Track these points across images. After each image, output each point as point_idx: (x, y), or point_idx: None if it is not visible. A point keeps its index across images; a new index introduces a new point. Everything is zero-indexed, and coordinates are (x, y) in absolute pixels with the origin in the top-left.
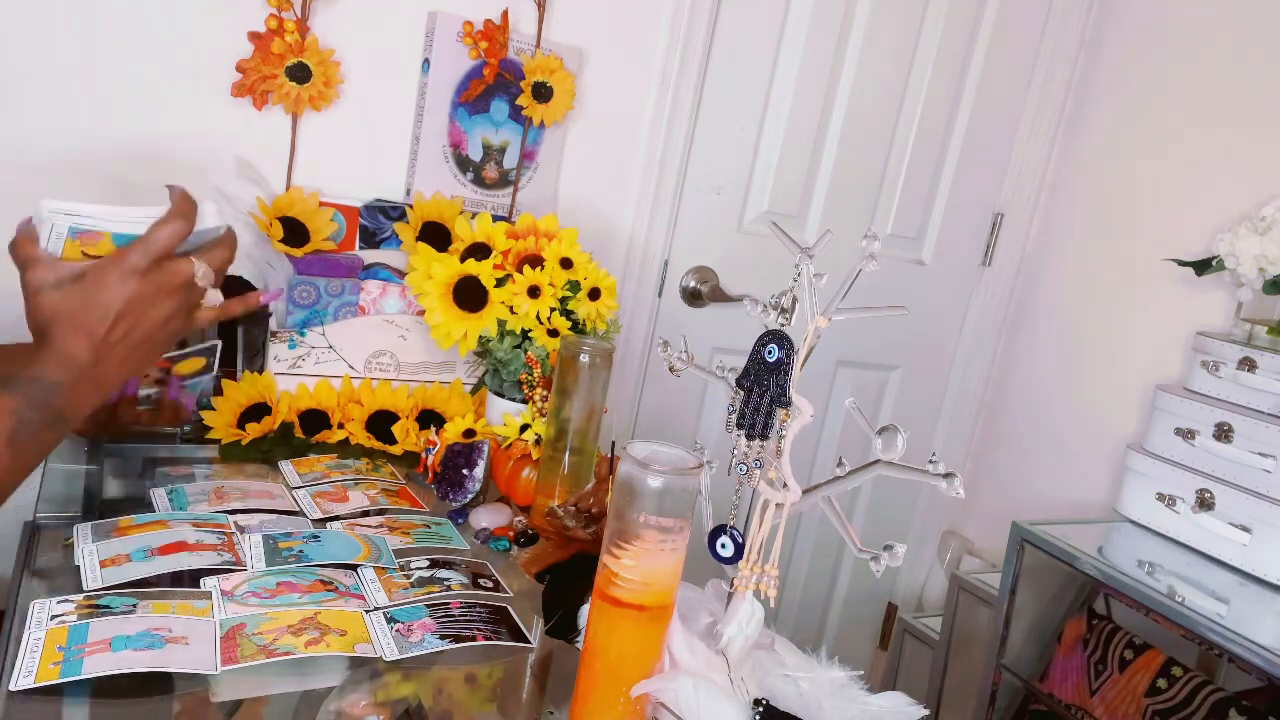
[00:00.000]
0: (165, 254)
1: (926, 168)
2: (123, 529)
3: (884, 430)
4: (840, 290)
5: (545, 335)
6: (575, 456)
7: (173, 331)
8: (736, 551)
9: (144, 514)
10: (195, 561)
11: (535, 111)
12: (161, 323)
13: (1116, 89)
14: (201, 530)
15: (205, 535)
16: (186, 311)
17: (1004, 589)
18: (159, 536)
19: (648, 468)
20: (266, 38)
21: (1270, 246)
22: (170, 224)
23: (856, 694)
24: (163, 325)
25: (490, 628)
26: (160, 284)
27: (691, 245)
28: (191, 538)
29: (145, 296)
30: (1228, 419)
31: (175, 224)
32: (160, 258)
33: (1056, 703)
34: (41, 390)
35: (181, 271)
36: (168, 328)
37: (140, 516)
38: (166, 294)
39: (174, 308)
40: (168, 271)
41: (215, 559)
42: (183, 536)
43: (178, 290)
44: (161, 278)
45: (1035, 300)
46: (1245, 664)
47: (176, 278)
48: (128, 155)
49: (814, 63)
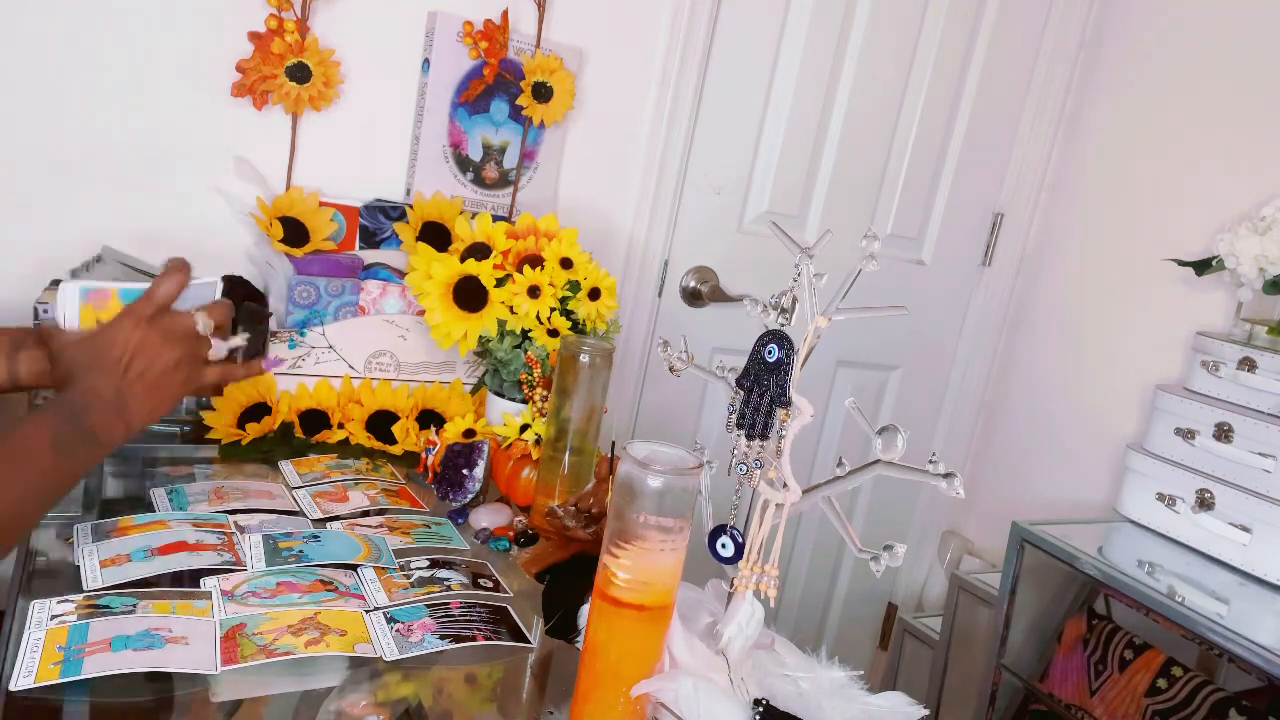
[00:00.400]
0: (167, 304)
1: (926, 168)
2: (123, 529)
3: (884, 430)
4: (840, 290)
5: (545, 335)
6: (575, 456)
7: (184, 378)
8: (736, 551)
9: (144, 514)
10: (195, 561)
11: (535, 111)
12: (172, 367)
13: (1116, 89)
14: (201, 530)
15: (205, 535)
16: (193, 360)
17: (1004, 589)
18: (159, 536)
19: (648, 468)
20: (266, 38)
21: (1270, 246)
22: (170, 278)
23: (856, 694)
24: (174, 370)
25: (490, 628)
26: (165, 331)
27: (691, 245)
28: (191, 538)
29: (153, 342)
30: (1228, 419)
31: (173, 277)
32: (163, 307)
33: (1056, 703)
34: (73, 409)
35: (184, 321)
36: (178, 373)
37: (140, 516)
38: (173, 341)
39: (181, 354)
40: (172, 320)
41: (215, 559)
42: (183, 536)
43: (183, 339)
44: (166, 325)
45: (1035, 300)
46: (1245, 664)
47: (179, 326)
48: (128, 155)
49: (814, 63)
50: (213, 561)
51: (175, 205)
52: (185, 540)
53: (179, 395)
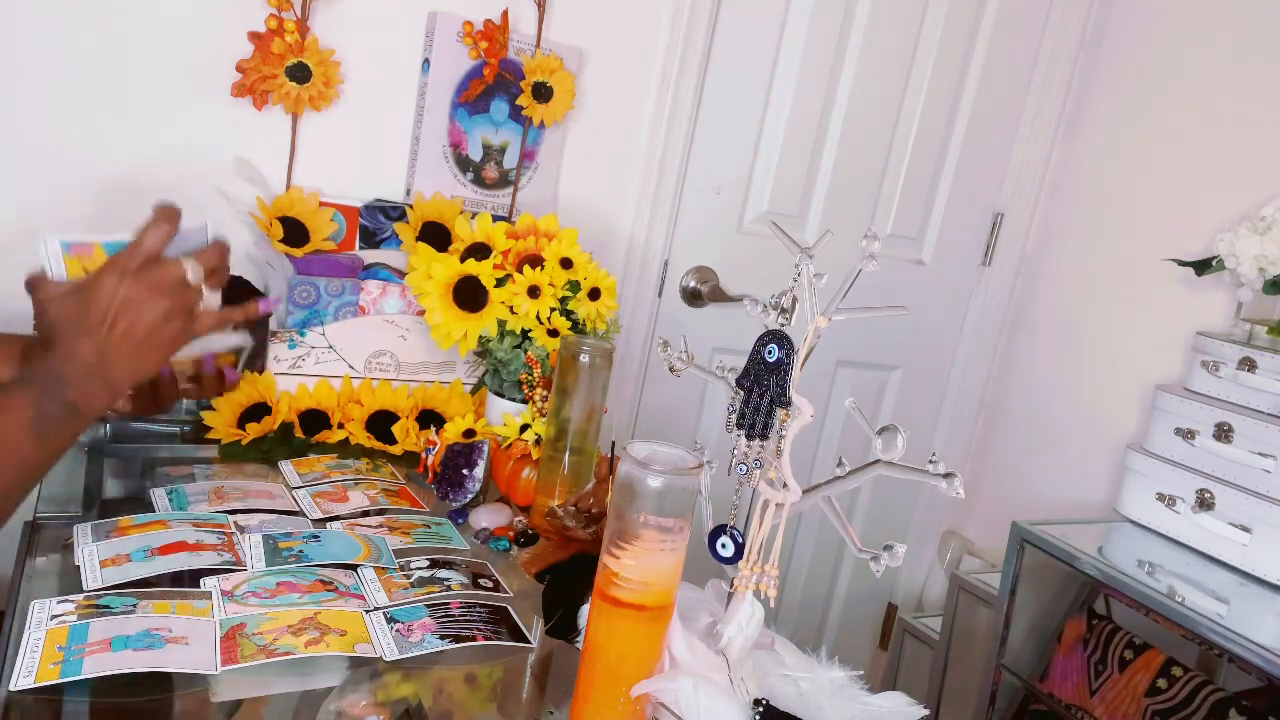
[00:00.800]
0: (154, 255)
1: (926, 168)
2: (123, 529)
3: (884, 430)
4: (840, 290)
5: (545, 335)
6: (575, 456)
7: (175, 331)
8: (736, 551)
9: (144, 514)
10: (195, 561)
11: (535, 111)
12: (161, 321)
13: (1116, 89)
14: (201, 530)
15: (205, 535)
16: (185, 311)
17: (1004, 589)
18: (159, 536)
19: (648, 468)
20: (266, 38)
21: (1270, 246)
22: (155, 227)
23: (856, 694)
24: (163, 324)
25: (490, 628)
26: (153, 283)
27: (691, 245)
28: (191, 538)
29: (140, 296)
30: (1228, 419)
31: (160, 226)
32: (150, 258)
33: (1056, 703)
34: (54, 382)
35: (172, 270)
36: (168, 327)
37: (140, 516)
38: (160, 293)
39: (170, 306)
40: (159, 271)
41: (215, 559)
42: (183, 536)
43: (171, 289)
44: (153, 277)
45: (1035, 300)
46: (1245, 664)
47: (168, 276)
48: (128, 155)
49: (814, 63)
50: (213, 561)
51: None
52: (185, 540)
53: (170, 350)
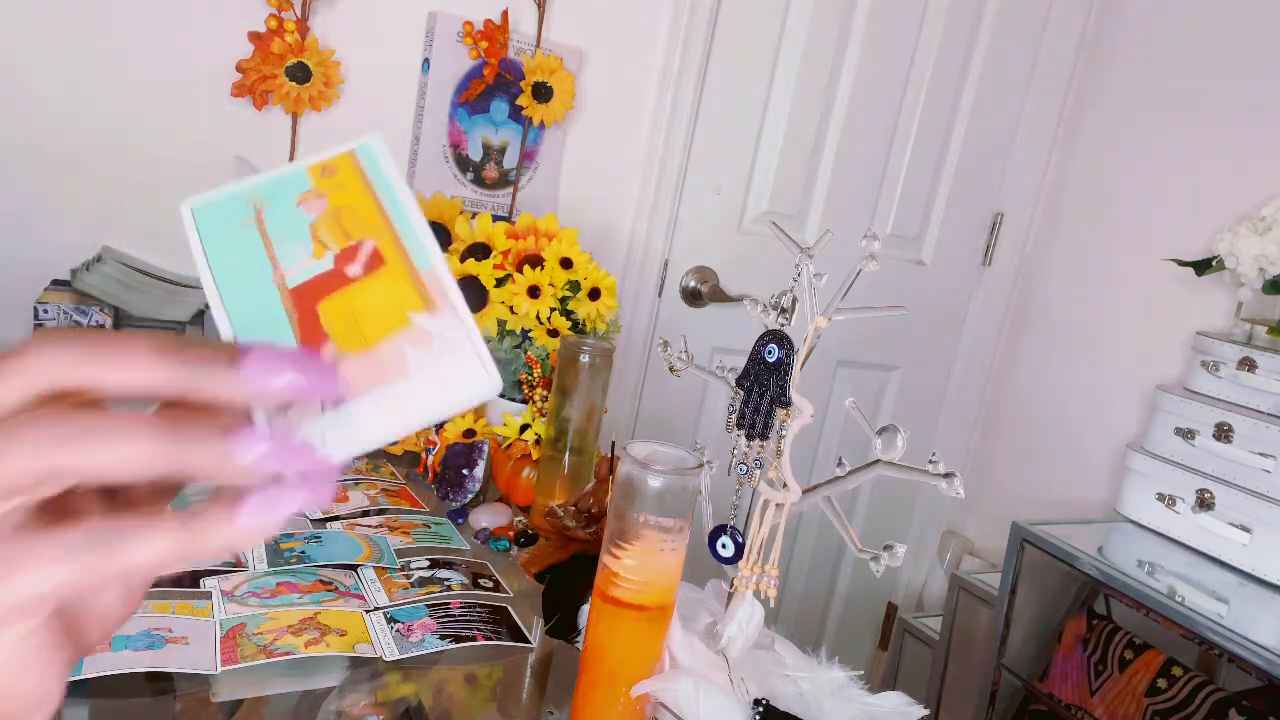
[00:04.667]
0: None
1: (926, 168)
2: None
3: (884, 430)
4: (840, 290)
5: (545, 335)
6: (575, 456)
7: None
8: (736, 551)
9: None
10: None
11: (535, 111)
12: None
13: (1116, 89)
14: None
15: None
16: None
17: (1004, 589)
18: None
19: (648, 468)
20: (266, 38)
21: (1270, 246)
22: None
23: (856, 694)
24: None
25: (490, 628)
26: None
27: (691, 245)
28: None
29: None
30: (1228, 419)
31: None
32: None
33: (1056, 703)
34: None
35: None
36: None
37: None
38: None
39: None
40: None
41: (215, 559)
42: None
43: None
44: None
45: (1035, 300)
46: (1245, 664)
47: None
48: (128, 155)
49: (814, 63)
50: (213, 561)
51: (175, 205)
52: None
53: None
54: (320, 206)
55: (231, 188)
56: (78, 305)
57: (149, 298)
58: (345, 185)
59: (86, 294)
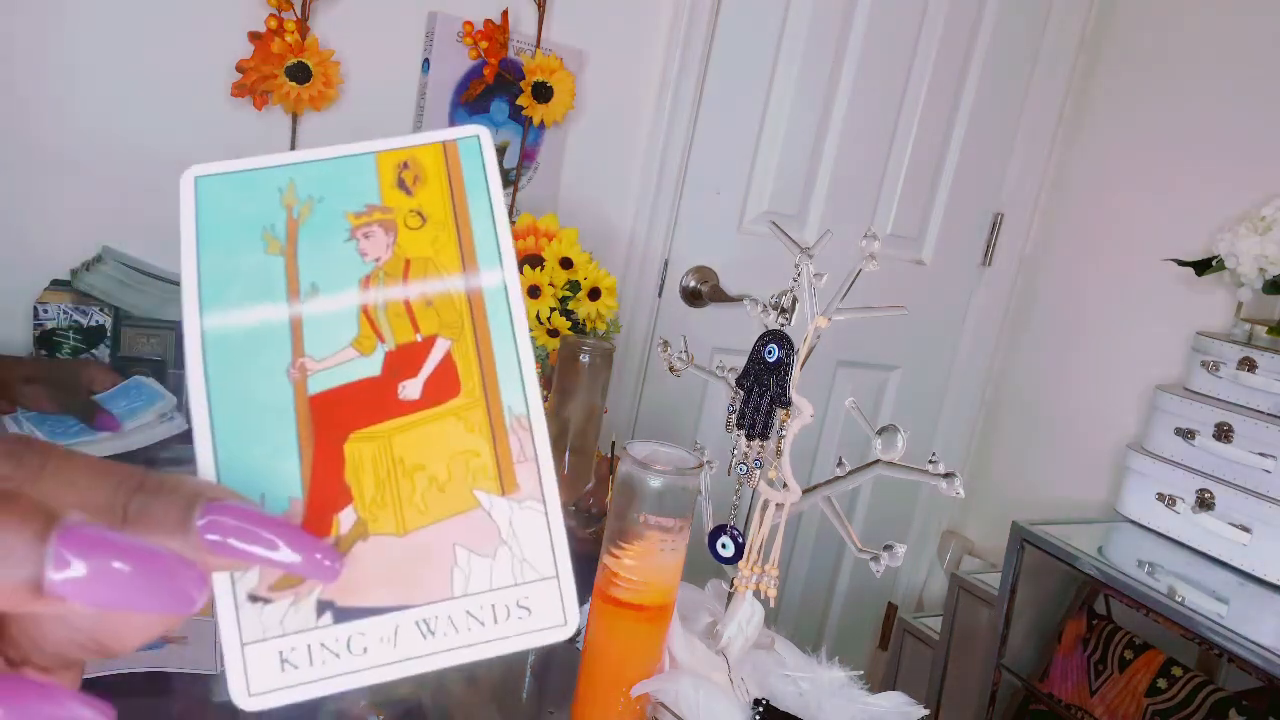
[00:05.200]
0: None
1: (926, 168)
2: None
3: (884, 430)
4: (840, 290)
5: (545, 335)
6: (575, 456)
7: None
8: (736, 551)
9: None
10: None
11: (535, 111)
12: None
13: (1116, 89)
14: None
15: None
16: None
17: (1004, 589)
18: None
19: (648, 468)
20: (266, 38)
21: (1270, 246)
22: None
23: (856, 694)
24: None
25: None
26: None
27: (691, 245)
28: None
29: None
30: (1228, 419)
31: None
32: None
33: (1056, 703)
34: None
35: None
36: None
37: None
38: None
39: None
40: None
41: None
42: None
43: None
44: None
45: (1035, 300)
46: (1245, 664)
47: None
48: (128, 155)
49: (814, 62)
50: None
51: (175, 205)
52: None
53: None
54: (383, 247)
55: (260, 162)
56: (78, 305)
57: (149, 298)
58: (429, 212)
59: (86, 294)
